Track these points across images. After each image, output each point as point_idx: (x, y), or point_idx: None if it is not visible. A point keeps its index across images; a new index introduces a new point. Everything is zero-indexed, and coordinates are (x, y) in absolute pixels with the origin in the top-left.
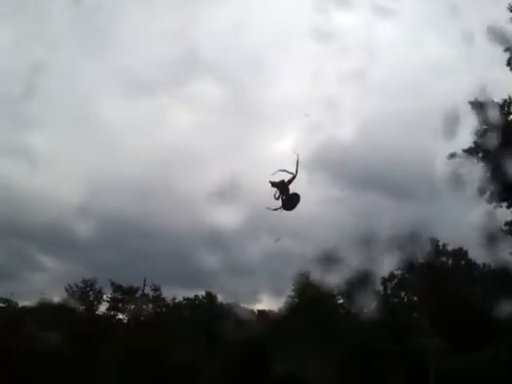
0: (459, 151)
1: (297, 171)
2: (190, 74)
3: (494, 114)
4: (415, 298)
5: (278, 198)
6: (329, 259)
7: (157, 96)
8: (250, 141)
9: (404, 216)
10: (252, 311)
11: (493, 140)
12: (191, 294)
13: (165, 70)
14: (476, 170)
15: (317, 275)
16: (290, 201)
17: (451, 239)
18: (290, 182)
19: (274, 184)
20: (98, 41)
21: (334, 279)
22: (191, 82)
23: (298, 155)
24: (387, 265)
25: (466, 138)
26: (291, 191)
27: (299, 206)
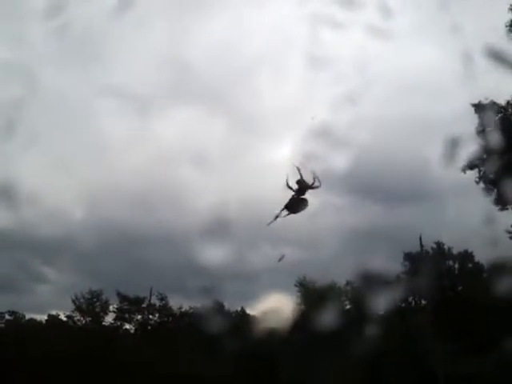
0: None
1: (320, 182)
2: (183, 88)
3: (496, 116)
4: (423, 302)
5: (295, 190)
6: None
7: (152, 110)
8: (248, 151)
9: (406, 220)
10: (258, 318)
11: (496, 142)
12: (198, 303)
13: (158, 84)
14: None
15: (323, 281)
16: (298, 202)
17: (457, 243)
18: (311, 187)
19: (298, 181)
20: (90, 58)
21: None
22: (184, 95)
23: (314, 171)
24: (393, 269)
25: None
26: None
27: (301, 213)
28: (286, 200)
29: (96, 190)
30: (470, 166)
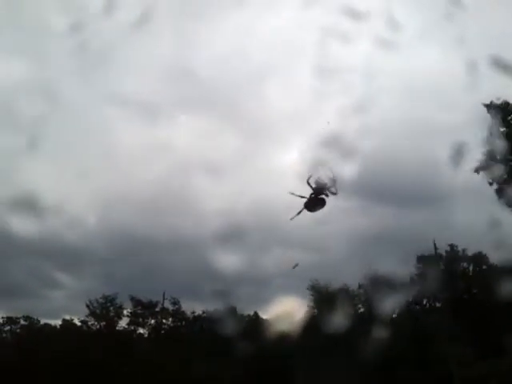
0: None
1: (337, 189)
2: (190, 94)
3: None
4: (437, 305)
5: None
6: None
7: (164, 118)
8: (257, 155)
9: (419, 223)
10: (270, 322)
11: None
12: (211, 307)
13: (167, 93)
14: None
15: (335, 285)
16: (317, 201)
17: (471, 245)
18: (329, 189)
19: (318, 181)
20: (98, 70)
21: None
22: (193, 101)
23: (334, 174)
24: (406, 272)
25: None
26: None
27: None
28: (299, 199)
29: (109, 196)
30: (483, 167)
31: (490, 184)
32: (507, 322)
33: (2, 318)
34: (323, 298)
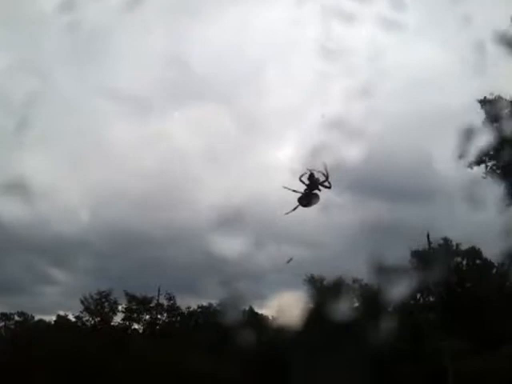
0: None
1: (330, 184)
2: (187, 89)
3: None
4: (431, 299)
5: (307, 185)
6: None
7: (156, 113)
8: (251, 151)
9: (413, 218)
10: (267, 317)
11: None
12: (205, 302)
13: (161, 87)
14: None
15: (331, 278)
16: (311, 197)
17: (465, 239)
18: (322, 184)
19: (310, 177)
20: (93, 62)
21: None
22: (189, 97)
23: (326, 167)
24: (400, 266)
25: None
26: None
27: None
28: (293, 194)
29: (103, 190)
30: (478, 161)
31: (485, 178)
32: (501, 315)
33: None
34: (319, 292)
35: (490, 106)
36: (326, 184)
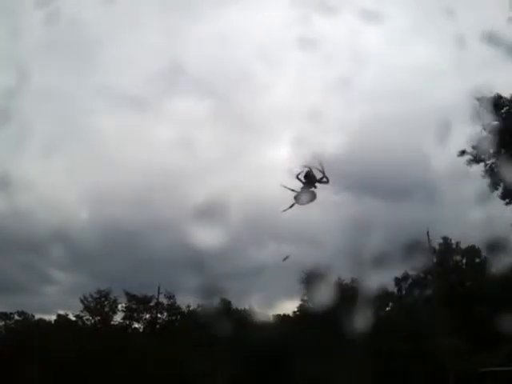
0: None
1: (327, 179)
2: (177, 86)
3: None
4: (430, 297)
5: (304, 182)
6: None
7: (147, 110)
8: (244, 150)
9: (412, 216)
10: (268, 316)
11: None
12: (205, 302)
13: (152, 85)
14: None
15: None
16: (307, 194)
17: (463, 238)
18: (319, 181)
19: (307, 174)
20: (81, 58)
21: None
22: (179, 94)
23: (322, 164)
24: (399, 266)
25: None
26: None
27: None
28: (290, 192)
29: (99, 189)
30: (476, 160)
31: (483, 177)
32: (500, 314)
33: None
34: (315, 291)
35: (489, 104)
36: (324, 180)
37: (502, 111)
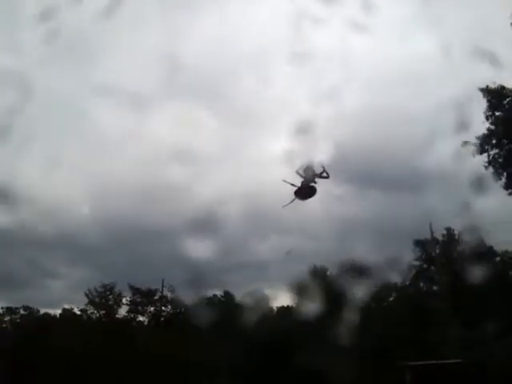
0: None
1: (327, 173)
2: (175, 84)
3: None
4: (435, 288)
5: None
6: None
7: (147, 107)
8: (245, 144)
9: (415, 208)
10: (271, 308)
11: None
12: (208, 294)
13: (150, 82)
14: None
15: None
16: (307, 190)
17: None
18: (319, 176)
19: (307, 169)
20: (81, 56)
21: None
22: (177, 91)
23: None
24: (404, 256)
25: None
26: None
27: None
28: (291, 187)
29: (103, 184)
30: (480, 151)
31: (486, 168)
32: (506, 304)
33: (2, 308)
34: (321, 284)
35: (492, 95)
36: (324, 174)
37: (505, 102)
